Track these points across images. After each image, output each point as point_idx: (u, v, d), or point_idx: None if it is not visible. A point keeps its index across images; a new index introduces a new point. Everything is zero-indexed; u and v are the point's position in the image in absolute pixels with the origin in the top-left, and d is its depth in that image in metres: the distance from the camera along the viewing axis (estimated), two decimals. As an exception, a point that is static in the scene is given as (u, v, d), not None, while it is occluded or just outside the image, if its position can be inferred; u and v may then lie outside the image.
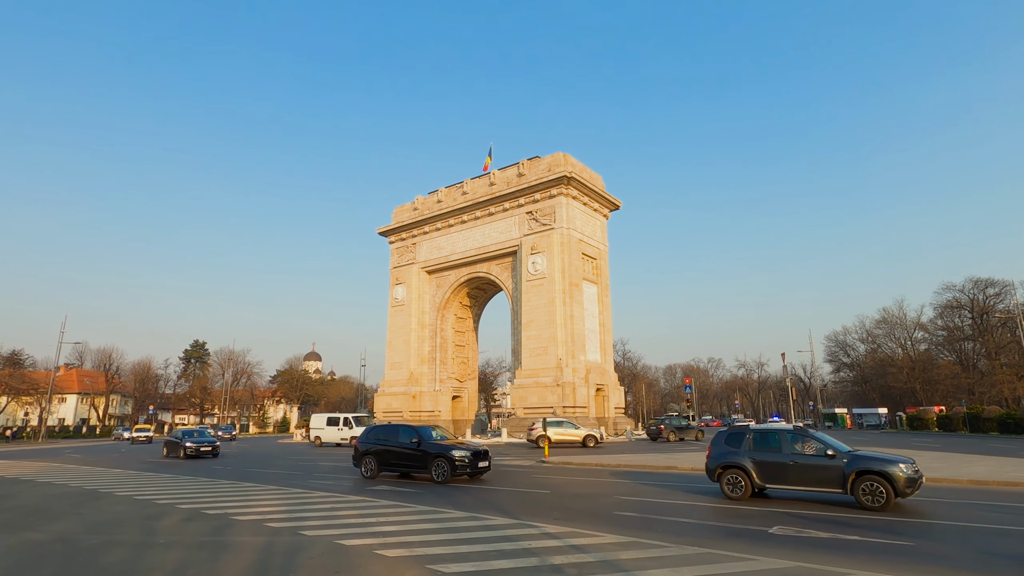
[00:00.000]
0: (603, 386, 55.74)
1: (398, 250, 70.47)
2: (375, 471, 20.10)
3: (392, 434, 20.49)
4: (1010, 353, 74.23)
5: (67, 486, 19.15)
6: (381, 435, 20.79)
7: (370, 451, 20.42)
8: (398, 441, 19.93)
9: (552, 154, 58.10)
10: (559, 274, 54.55)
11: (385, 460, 20.07)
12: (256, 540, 9.97)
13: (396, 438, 20.12)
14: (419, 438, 19.35)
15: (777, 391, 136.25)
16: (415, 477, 20.11)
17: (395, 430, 20.71)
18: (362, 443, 21.00)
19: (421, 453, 19.03)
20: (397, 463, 19.82)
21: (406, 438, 19.80)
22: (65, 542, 10.07)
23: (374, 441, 20.67)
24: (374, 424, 26.95)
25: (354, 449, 21.22)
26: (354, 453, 21.13)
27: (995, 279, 79.37)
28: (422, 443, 19.22)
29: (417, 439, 19.33)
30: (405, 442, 19.66)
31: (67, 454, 40.10)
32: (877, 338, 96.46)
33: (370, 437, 21.08)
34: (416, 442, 19.30)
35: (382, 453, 20.13)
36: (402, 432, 20.27)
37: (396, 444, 19.92)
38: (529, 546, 9.23)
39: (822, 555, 8.68)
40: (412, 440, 19.44)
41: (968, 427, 59.35)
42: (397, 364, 66.92)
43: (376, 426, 21.90)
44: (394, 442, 20.03)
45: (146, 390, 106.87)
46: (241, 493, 16.62)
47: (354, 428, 43.60)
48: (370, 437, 21.08)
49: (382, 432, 21.03)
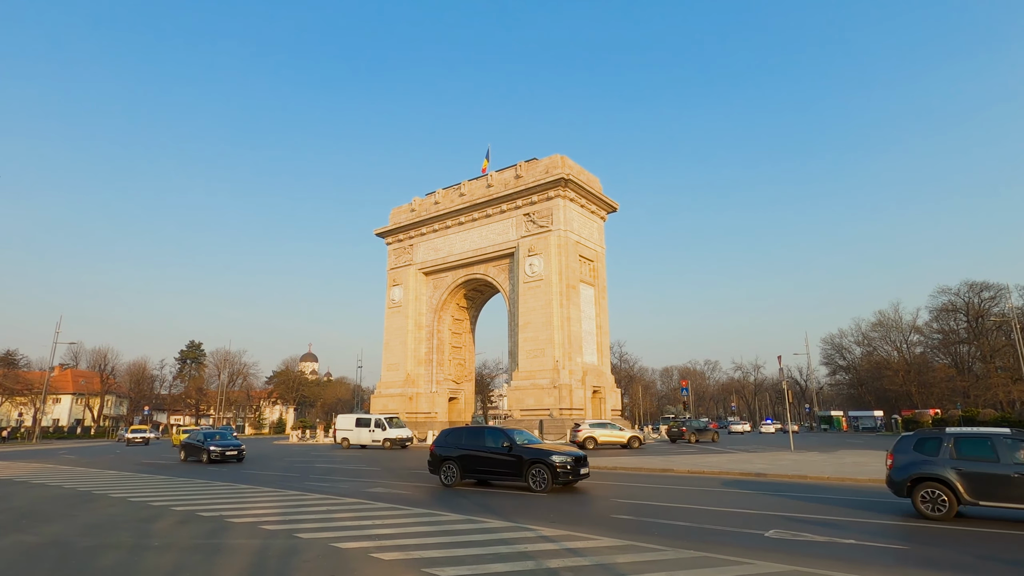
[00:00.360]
0: (600, 388, 55.77)
1: (395, 251, 70.42)
2: (456, 478, 18.40)
3: (476, 437, 18.76)
4: (1005, 356, 74.48)
5: (61, 488, 19.06)
6: (463, 439, 18.98)
7: (450, 457, 18.61)
8: (484, 445, 18.21)
9: (549, 156, 58.20)
10: (556, 276, 54.58)
11: (469, 466, 18.33)
12: (251, 543, 9.93)
13: (482, 442, 18.40)
14: (510, 442, 17.60)
15: (773, 394, 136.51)
16: (502, 485, 18.34)
17: (480, 433, 18.97)
18: (440, 448, 19.20)
19: (514, 459, 17.32)
20: (484, 470, 18.15)
21: (495, 442, 18.06)
22: (58, 545, 10.01)
23: (455, 445, 18.89)
24: (454, 426, 24.72)
25: (430, 454, 19.43)
26: (431, 459, 19.36)
27: (990, 283, 79.89)
28: (514, 447, 17.49)
29: (508, 443, 17.59)
30: (494, 446, 17.93)
31: (62, 455, 39.93)
32: (873, 341, 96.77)
33: (449, 441, 19.24)
34: (507, 446, 17.57)
35: (465, 459, 18.36)
36: (489, 435, 18.57)
37: (482, 449, 18.18)
38: (525, 549, 9.21)
39: (818, 559, 8.68)
40: (503, 444, 17.69)
41: (963, 430, 59.45)
42: (394, 365, 66.82)
43: (455, 428, 19.95)
44: (479, 446, 18.32)
45: (141, 391, 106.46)
46: (236, 495, 16.56)
47: (388, 430, 42.11)
48: (449, 441, 19.24)
49: (464, 435, 19.19)
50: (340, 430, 45.21)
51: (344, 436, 44.49)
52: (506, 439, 17.80)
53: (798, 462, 25.29)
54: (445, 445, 19.18)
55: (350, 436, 43.99)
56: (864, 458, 27.58)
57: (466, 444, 18.69)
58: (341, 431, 45.00)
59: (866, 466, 23.17)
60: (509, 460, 17.43)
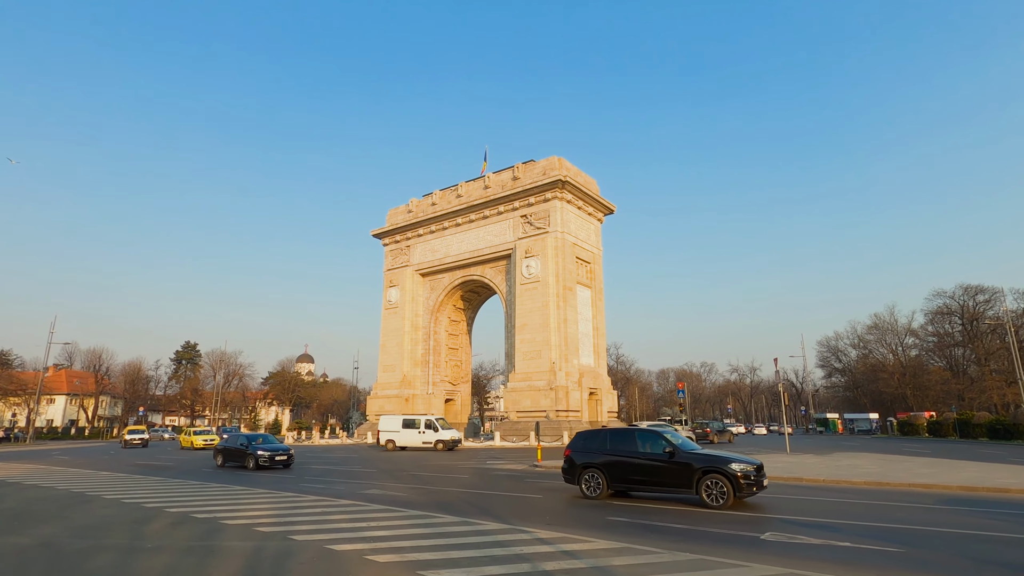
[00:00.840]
0: (596, 390, 55.76)
1: (392, 252, 70.33)
2: (603, 489, 15.73)
3: (626, 441, 16.12)
4: (999, 359, 74.83)
5: (54, 489, 18.94)
6: (608, 442, 16.35)
7: (592, 464, 16.06)
8: (637, 450, 15.53)
9: (547, 158, 58.26)
10: (553, 278, 54.59)
11: (619, 475, 15.66)
12: (245, 545, 9.86)
13: (633, 446, 15.75)
14: (672, 446, 14.96)
15: (769, 396, 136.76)
16: (663, 499, 15.70)
17: (629, 436, 16.31)
18: (578, 453, 16.61)
19: (679, 466, 14.54)
20: (639, 479, 15.38)
21: (652, 446, 15.38)
22: (50, 546, 9.93)
23: (598, 450, 16.26)
24: (592, 428, 21.74)
25: (565, 460, 16.89)
26: (566, 465, 16.80)
27: (985, 286, 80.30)
28: (677, 452, 14.83)
29: (670, 448, 14.93)
30: (652, 451, 15.25)
31: (55, 456, 39.68)
32: (868, 344, 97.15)
33: (590, 445, 16.60)
34: (669, 451, 14.86)
35: (613, 466, 15.71)
36: (642, 438, 15.82)
37: (635, 454, 15.49)
38: (521, 551, 9.18)
39: (813, 562, 8.67)
40: (664, 449, 14.97)
41: (958, 433, 59.75)
42: (390, 367, 66.70)
43: (594, 431, 17.39)
44: (630, 451, 15.65)
45: (136, 391, 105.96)
46: (231, 497, 16.47)
47: (440, 431, 40.95)
48: (590, 445, 16.60)
49: (609, 438, 16.51)
50: (384, 431, 43.31)
51: (389, 438, 42.52)
52: (667, 443, 15.19)
53: (793, 464, 25.31)
54: (585, 450, 16.59)
55: (396, 438, 42.18)
56: (859, 460, 27.64)
57: (613, 449, 16.06)
58: (386, 432, 43.11)
59: (861, 468, 23.22)
60: (673, 468, 14.66)
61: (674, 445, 15.04)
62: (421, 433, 41.44)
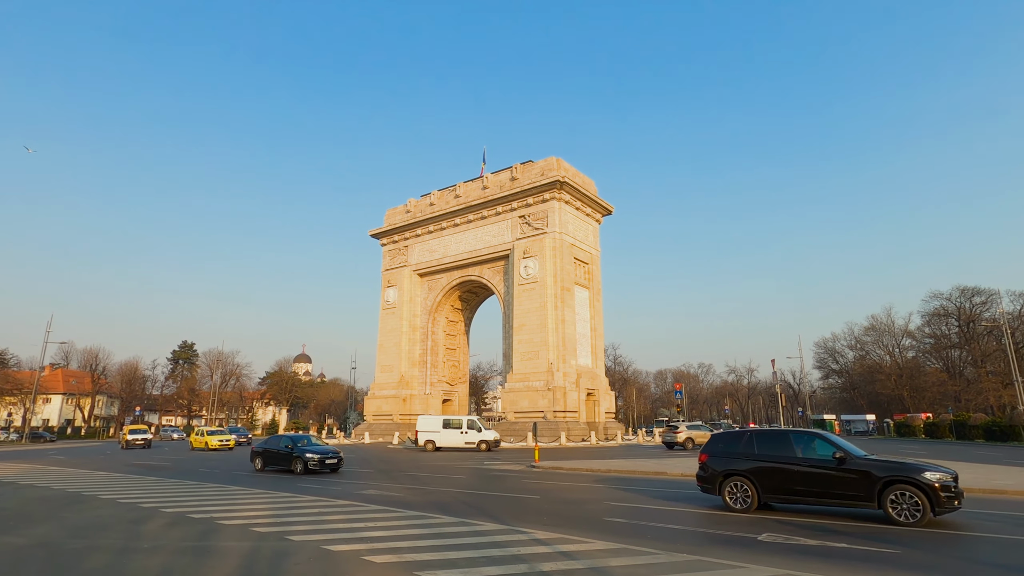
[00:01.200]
0: (594, 391, 55.76)
1: (390, 253, 70.26)
2: (753, 501, 13.41)
3: (778, 444, 13.68)
4: (996, 361, 75.02)
5: (50, 488, 18.87)
6: (756, 445, 13.96)
7: (737, 471, 13.75)
8: (794, 455, 13.19)
9: (545, 158, 58.26)
10: (551, 278, 54.59)
11: (773, 484, 13.30)
12: (241, 545, 9.84)
13: (788, 450, 13.34)
14: (843, 451, 12.59)
15: (767, 397, 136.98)
16: (833, 513, 13.40)
17: (783, 438, 13.79)
18: (717, 458, 14.37)
19: (853, 475, 12.27)
20: (801, 489, 12.95)
21: (812, 450, 13.10)
22: (45, 546, 9.89)
23: (742, 455, 13.94)
24: (731, 428, 18.64)
25: (702, 467, 14.65)
26: (703, 472, 14.53)
27: (981, 288, 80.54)
28: (849, 458, 12.47)
29: (841, 452, 12.56)
30: (814, 456, 12.93)
31: (51, 455, 39.54)
32: (865, 345, 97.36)
33: (733, 449, 14.26)
34: (840, 457, 12.49)
35: (765, 473, 13.41)
36: (798, 440, 13.48)
37: (791, 460, 13.14)
38: (518, 552, 9.17)
39: (811, 563, 8.69)
40: (834, 455, 12.59)
41: (954, 434, 59.93)
42: (388, 367, 66.62)
43: (735, 432, 15.13)
44: (786, 456, 13.25)
45: (133, 391, 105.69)
46: (227, 497, 16.43)
47: (483, 431, 40.95)
48: (733, 449, 14.26)
49: (756, 440, 14.13)
50: (424, 432, 43.47)
51: (428, 439, 42.64)
52: (835, 447, 12.79)
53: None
54: (726, 455, 14.28)
55: (436, 438, 42.37)
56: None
57: (762, 453, 13.68)
58: (425, 433, 43.29)
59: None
60: (846, 478, 12.35)
61: (844, 449, 12.75)
62: (464, 433, 41.59)
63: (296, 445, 24.80)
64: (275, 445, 25.91)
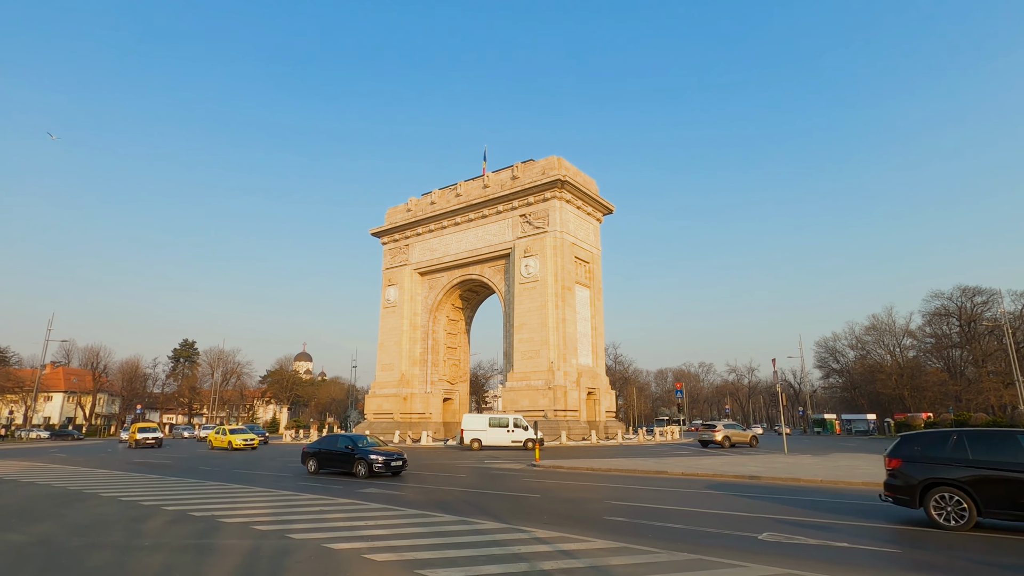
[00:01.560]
0: (595, 390, 55.76)
1: (391, 251, 70.26)
2: (970, 516, 10.95)
3: (1003, 447, 11.09)
4: (997, 361, 74.89)
5: (51, 486, 18.89)
6: (969, 449, 11.36)
7: (946, 479, 11.31)
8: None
9: (546, 157, 58.21)
10: (552, 277, 54.57)
11: (1000, 497, 10.72)
12: (242, 543, 9.85)
13: (1019, 455, 10.74)
14: None
15: (767, 396, 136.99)
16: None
17: (1010, 440, 11.13)
18: (915, 464, 11.86)
19: None
20: None
21: None
22: (47, 544, 9.90)
23: (952, 460, 11.42)
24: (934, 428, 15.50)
25: (894, 474, 12.19)
26: (896, 481, 12.06)
27: (982, 287, 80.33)
28: None
29: None
30: None
31: (52, 453, 39.59)
32: (866, 345, 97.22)
33: (937, 453, 11.70)
34: None
35: (988, 484, 10.87)
36: None
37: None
38: (518, 551, 9.18)
39: (812, 562, 8.69)
40: None
41: (955, 434, 59.80)
42: (388, 365, 66.64)
43: (936, 433, 12.38)
44: (1016, 463, 10.68)
45: (134, 389, 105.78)
46: (228, 495, 16.44)
47: (529, 430, 41.17)
48: (937, 453, 11.70)
49: (969, 443, 11.48)
50: (469, 431, 43.52)
51: (475, 437, 42.79)
52: None
53: (792, 465, 25.32)
54: (927, 459, 11.74)
55: (482, 437, 42.62)
56: (857, 461, 27.64)
57: (979, 459, 11.14)
58: (471, 431, 43.38)
59: (859, 469, 23.23)
60: None
61: None
62: (510, 432, 41.89)
63: (357, 446, 22.91)
64: (331, 445, 24.05)
